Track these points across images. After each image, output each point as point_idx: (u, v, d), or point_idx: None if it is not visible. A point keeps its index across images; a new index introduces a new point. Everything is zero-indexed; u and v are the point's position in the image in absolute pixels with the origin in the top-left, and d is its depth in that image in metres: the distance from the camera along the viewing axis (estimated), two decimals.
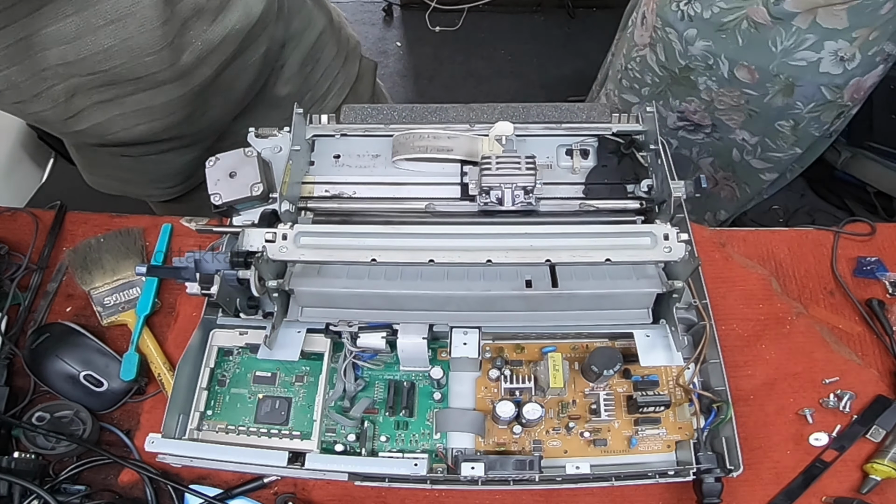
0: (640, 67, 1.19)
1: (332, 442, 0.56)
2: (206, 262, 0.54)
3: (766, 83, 1.03)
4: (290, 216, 0.60)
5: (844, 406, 0.63)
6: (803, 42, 0.95)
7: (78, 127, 0.66)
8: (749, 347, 0.67)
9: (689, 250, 0.55)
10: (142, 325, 0.69)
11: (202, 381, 0.58)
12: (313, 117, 0.67)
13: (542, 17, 2.13)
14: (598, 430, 0.57)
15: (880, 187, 1.49)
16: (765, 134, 1.15)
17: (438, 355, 0.59)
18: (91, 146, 0.77)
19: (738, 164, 1.26)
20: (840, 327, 0.70)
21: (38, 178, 1.32)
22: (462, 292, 0.55)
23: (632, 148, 0.65)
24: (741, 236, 0.76)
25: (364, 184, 0.65)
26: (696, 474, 0.54)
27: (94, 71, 0.59)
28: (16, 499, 0.58)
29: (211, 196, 0.59)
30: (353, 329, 0.55)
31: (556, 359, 0.55)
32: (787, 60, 0.98)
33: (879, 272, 0.72)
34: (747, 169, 1.26)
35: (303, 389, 0.58)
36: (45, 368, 0.66)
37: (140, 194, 0.89)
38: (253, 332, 0.58)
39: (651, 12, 1.09)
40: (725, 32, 0.99)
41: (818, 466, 0.61)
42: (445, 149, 0.64)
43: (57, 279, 0.74)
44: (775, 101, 1.06)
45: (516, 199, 0.61)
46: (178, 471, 0.61)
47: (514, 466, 0.52)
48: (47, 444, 0.61)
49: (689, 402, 0.56)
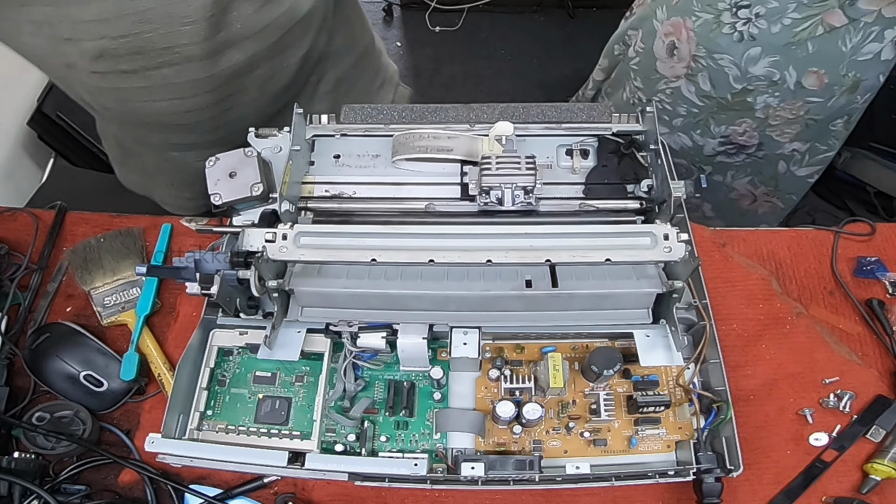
0: (671, 100, 1.14)
1: (332, 442, 0.56)
2: (206, 262, 0.54)
3: (833, 86, 1.01)
4: (290, 216, 0.60)
5: (844, 406, 0.63)
6: (869, 35, 0.95)
7: (100, 93, 0.66)
8: (749, 347, 0.67)
9: (689, 250, 0.55)
10: (142, 325, 0.69)
11: (202, 381, 0.58)
12: (313, 117, 0.67)
13: (541, 17, 2.13)
14: (598, 430, 0.57)
15: (880, 187, 1.48)
16: (817, 139, 1.13)
17: (438, 355, 0.59)
18: (117, 131, 0.76)
19: (781, 177, 1.22)
20: (840, 327, 0.70)
21: (38, 178, 1.32)
22: (462, 292, 0.55)
23: (632, 148, 0.65)
24: (741, 236, 0.76)
25: (364, 184, 0.65)
26: (696, 474, 0.54)
27: (126, 34, 0.58)
28: (16, 499, 0.58)
29: (211, 196, 0.59)
30: (353, 329, 0.56)
31: (556, 359, 0.55)
32: (855, 58, 0.97)
33: (879, 272, 0.71)
34: (791, 179, 1.22)
35: (303, 389, 0.58)
36: (45, 368, 0.66)
37: (164, 199, 0.89)
38: (253, 332, 0.58)
39: (686, 41, 1.05)
40: (797, 44, 0.97)
41: (818, 466, 0.60)
42: (445, 149, 0.64)
43: (57, 279, 0.74)
44: (838, 101, 1.04)
45: (516, 199, 0.61)
46: (178, 471, 0.61)
47: (514, 466, 0.52)
48: (47, 444, 0.61)
49: (689, 402, 0.56)
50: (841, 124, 1.10)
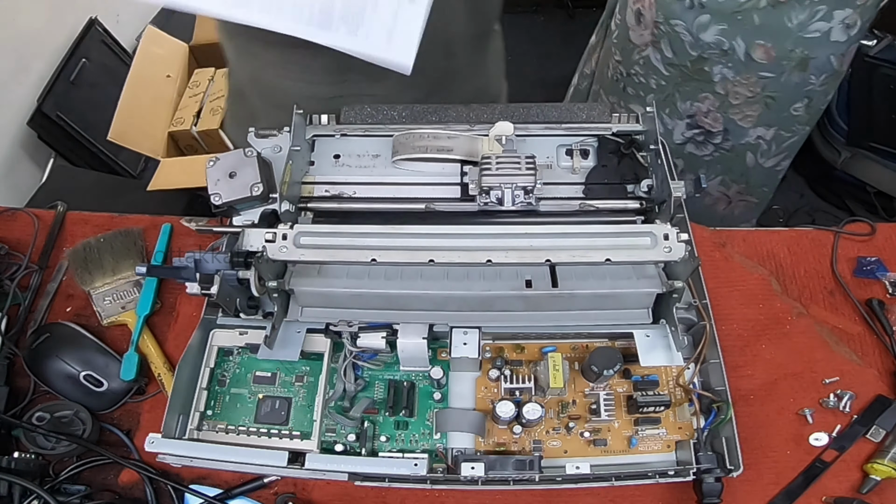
0: (644, 70, 1.17)
1: (332, 442, 0.56)
2: (206, 262, 0.54)
3: (782, 61, 1.03)
4: (290, 216, 0.60)
5: (844, 406, 0.63)
6: (816, 13, 0.96)
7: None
8: (749, 347, 0.66)
9: (689, 250, 0.55)
10: (142, 325, 0.69)
11: (202, 381, 0.58)
12: (313, 117, 0.67)
13: (541, 17, 2.13)
14: (598, 430, 0.57)
15: (880, 187, 1.49)
16: (780, 125, 1.15)
17: (438, 355, 0.59)
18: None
19: (751, 171, 1.24)
20: (840, 327, 0.70)
21: (38, 178, 1.32)
22: (462, 292, 0.55)
23: (632, 148, 0.65)
24: (741, 236, 0.76)
25: (364, 184, 0.65)
26: (696, 474, 0.54)
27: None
28: (16, 499, 0.58)
29: (211, 196, 0.59)
30: (353, 329, 0.56)
31: (556, 359, 0.55)
32: (802, 34, 0.99)
33: (879, 272, 0.72)
34: (761, 171, 1.24)
35: (303, 389, 0.58)
36: (45, 368, 0.66)
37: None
38: (253, 332, 0.58)
39: (648, 8, 1.08)
40: (742, 14, 0.99)
41: (818, 466, 0.60)
42: (445, 149, 0.64)
43: (57, 279, 0.74)
44: (791, 78, 1.06)
45: (516, 199, 0.61)
46: (178, 471, 0.61)
47: (514, 466, 0.52)
48: (47, 444, 0.61)
49: (689, 402, 0.56)
50: (802, 108, 1.12)
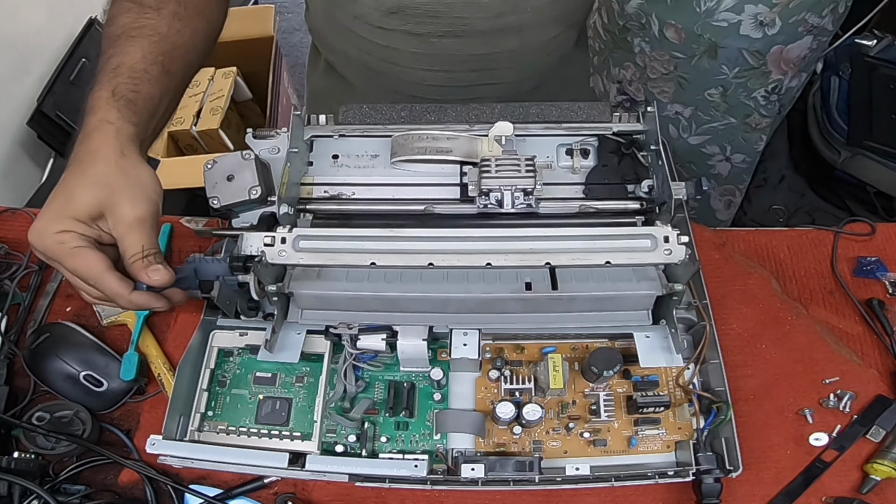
0: (592, 34, 1.24)
1: (332, 443, 0.56)
2: (206, 265, 0.54)
3: (691, 44, 1.06)
4: (288, 219, 0.60)
5: (844, 406, 0.63)
6: (724, 3, 0.99)
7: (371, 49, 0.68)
8: (749, 347, 0.66)
9: (690, 253, 0.55)
10: (142, 325, 0.69)
11: (202, 382, 0.58)
12: (311, 118, 0.67)
13: None
14: (597, 431, 0.57)
15: (880, 187, 1.48)
16: (697, 107, 1.18)
17: (438, 356, 0.59)
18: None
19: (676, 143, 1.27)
20: (840, 327, 0.69)
21: (38, 178, 1.32)
22: (461, 295, 0.55)
23: (632, 148, 0.65)
24: (741, 236, 0.76)
25: (363, 184, 0.65)
26: (695, 475, 0.54)
27: None
28: (16, 499, 0.58)
29: (209, 199, 0.59)
30: (352, 331, 0.56)
31: (555, 359, 0.55)
32: (709, 21, 1.02)
33: (879, 272, 0.71)
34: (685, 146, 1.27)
35: (303, 390, 0.58)
36: (45, 368, 0.66)
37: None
38: (253, 334, 0.58)
39: None
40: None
41: (818, 466, 0.60)
42: (444, 150, 0.63)
43: (57, 279, 0.74)
44: (701, 63, 1.09)
45: (516, 202, 0.61)
46: (178, 471, 0.61)
47: (514, 467, 0.52)
48: (47, 444, 0.61)
49: (688, 402, 0.56)
50: (717, 96, 1.15)
